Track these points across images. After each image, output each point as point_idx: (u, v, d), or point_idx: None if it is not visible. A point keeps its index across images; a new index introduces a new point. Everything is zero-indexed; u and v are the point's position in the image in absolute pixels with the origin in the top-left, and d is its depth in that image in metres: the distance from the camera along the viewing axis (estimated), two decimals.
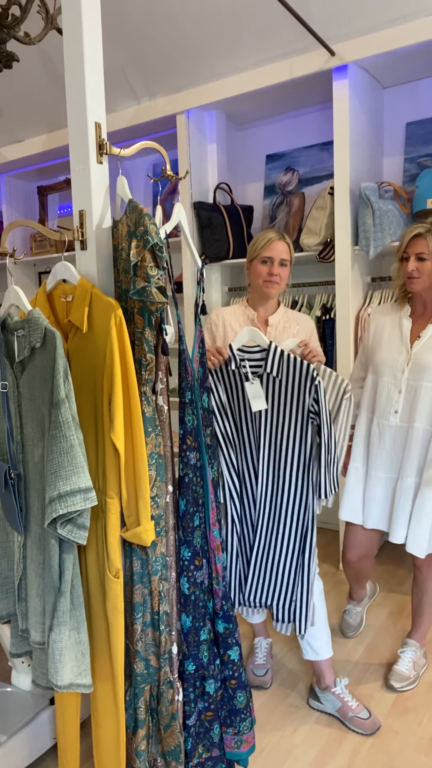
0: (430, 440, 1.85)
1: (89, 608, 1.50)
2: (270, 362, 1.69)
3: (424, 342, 1.86)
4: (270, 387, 1.72)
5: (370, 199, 2.67)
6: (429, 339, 1.86)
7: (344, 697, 1.91)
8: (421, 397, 1.84)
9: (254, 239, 1.96)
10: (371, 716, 1.87)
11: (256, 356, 1.73)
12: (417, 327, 1.91)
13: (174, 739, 1.51)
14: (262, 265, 1.93)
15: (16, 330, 1.43)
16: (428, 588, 2.06)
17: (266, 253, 1.91)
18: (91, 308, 1.42)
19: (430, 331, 1.86)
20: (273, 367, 1.69)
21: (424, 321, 1.90)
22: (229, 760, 1.64)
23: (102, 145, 1.47)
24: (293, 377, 1.70)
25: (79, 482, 1.30)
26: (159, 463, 1.48)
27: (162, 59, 2.96)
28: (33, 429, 1.43)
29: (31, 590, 1.49)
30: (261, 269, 1.93)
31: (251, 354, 1.73)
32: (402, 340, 1.91)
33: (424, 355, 1.84)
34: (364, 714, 1.88)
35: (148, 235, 1.33)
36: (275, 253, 1.91)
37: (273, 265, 1.92)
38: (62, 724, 1.60)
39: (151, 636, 1.51)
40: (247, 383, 1.71)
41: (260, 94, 3.04)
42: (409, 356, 1.87)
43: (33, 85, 3.20)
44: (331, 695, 1.93)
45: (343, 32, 2.62)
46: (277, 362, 1.69)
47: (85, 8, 1.43)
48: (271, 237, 1.92)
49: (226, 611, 1.61)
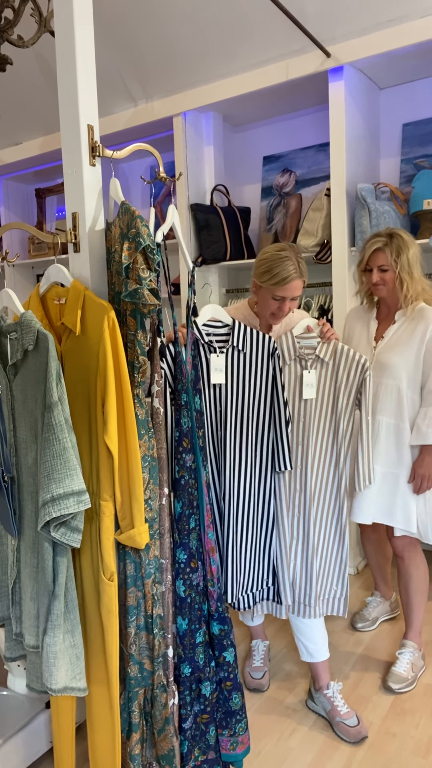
0: (395, 432, 1.98)
1: (83, 611, 1.49)
2: (236, 336, 1.73)
3: (386, 342, 2.00)
4: (235, 360, 1.75)
5: (366, 200, 2.67)
6: (389, 339, 2.00)
7: (335, 700, 1.90)
8: (383, 393, 1.98)
9: (267, 263, 1.79)
10: (359, 725, 1.84)
11: (220, 332, 1.76)
12: (381, 328, 2.06)
13: (167, 743, 1.50)
14: (273, 300, 1.82)
15: (8, 333, 1.43)
16: (412, 576, 2.09)
17: (280, 292, 1.79)
18: (84, 311, 1.42)
19: (391, 333, 2.00)
20: (239, 340, 1.73)
21: (387, 323, 2.05)
22: (224, 762, 1.64)
23: (95, 147, 1.47)
24: (257, 350, 1.76)
25: (73, 485, 1.29)
26: (152, 466, 1.48)
27: (159, 61, 2.96)
28: (26, 432, 1.43)
29: (25, 593, 1.48)
30: (271, 304, 1.83)
31: (215, 329, 1.75)
32: (368, 340, 2.06)
33: (385, 354, 1.98)
34: (351, 721, 1.85)
35: (139, 237, 1.33)
36: (289, 294, 1.80)
37: (284, 303, 1.82)
38: (58, 727, 1.60)
39: (145, 639, 1.51)
40: (213, 355, 1.72)
41: (257, 96, 3.04)
42: (373, 355, 2.01)
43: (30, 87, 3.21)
44: (323, 697, 1.92)
45: (339, 34, 2.62)
46: (242, 336, 1.74)
47: (77, 11, 1.43)
48: (290, 275, 1.76)
49: (221, 613, 1.61)
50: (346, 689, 2.07)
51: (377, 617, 2.45)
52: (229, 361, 1.73)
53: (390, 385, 1.97)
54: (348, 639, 2.37)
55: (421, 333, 1.93)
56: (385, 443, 2.00)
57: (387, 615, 2.48)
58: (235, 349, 1.73)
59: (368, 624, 2.42)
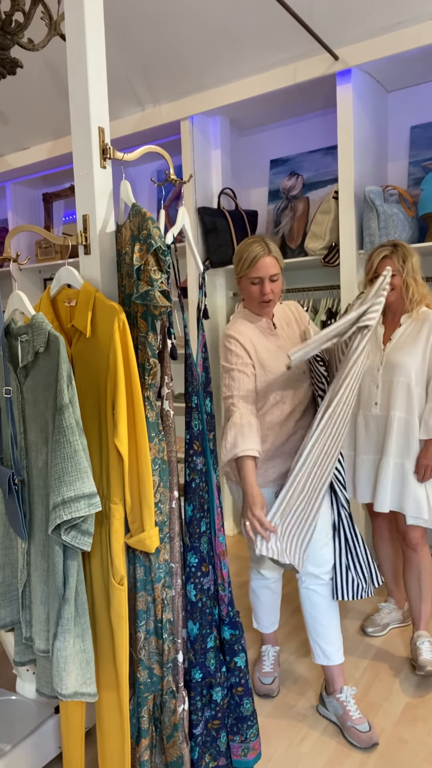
0: (404, 426, 2.12)
1: (93, 616, 1.48)
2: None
3: (394, 343, 2.14)
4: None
5: (374, 202, 2.66)
6: (397, 341, 2.14)
7: (347, 705, 1.88)
8: (394, 390, 2.12)
9: (238, 253, 1.82)
10: (371, 731, 1.82)
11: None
12: (388, 331, 2.19)
13: (176, 749, 1.49)
14: (253, 285, 1.81)
15: (19, 335, 1.42)
16: (426, 567, 2.17)
17: (254, 273, 1.78)
18: (94, 313, 1.41)
19: (398, 334, 2.14)
20: None
21: (394, 326, 2.19)
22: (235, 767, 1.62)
23: (105, 149, 1.47)
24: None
25: (83, 488, 1.29)
26: (162, 469, 1.47)
27: (166, 65, 2.96)
28: (37, 434, 1.42)
29: (35, 597, 1.47)
30: (253, 290, 1.82)
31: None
32: (377, 343, 2.20)
33: (395, 355, 2.13)
34: (363, 727, 1.83)
35: (151, 238, 1.32)
36: (263, 272, 1.78)
37: (264, 284, 1.80)
38: (67, 732, 1.59)
39: (155, 644, 1.50)
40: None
41: (264, 100, 3.04)
42: (383, 356, 2.15)
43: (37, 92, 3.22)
44: (335, 701, 1.90)
45: (347, 37, 2.62)
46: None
47: (88, 13, 1.43)
48: (257, 254, 1.77)
49: (232, 617, 1.60)
50: (357, 695, 2.05)
51: (388, 624, 2.43)
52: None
53: (401, 382, 2.11)
54: (358, 645, 2.35)
55: (426, 333, 2.09)
56: (397, 436, 2.13)
57: (398, 624, 2.46)
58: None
59: (378, 629, 2.40)
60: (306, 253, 3.09)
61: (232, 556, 3.25)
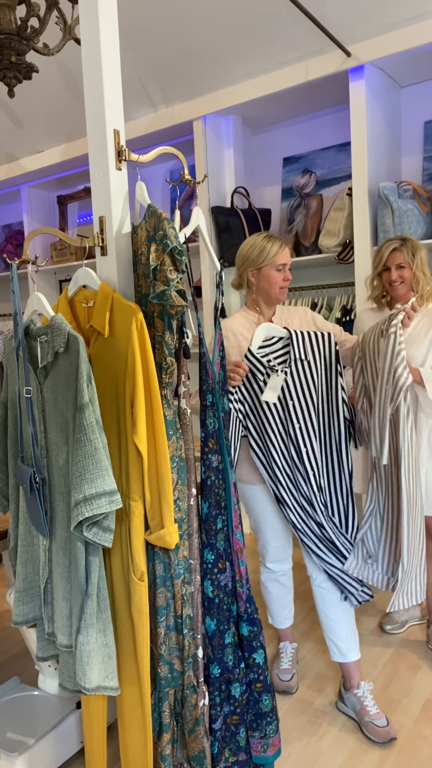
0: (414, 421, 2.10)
1: (114, 611, 1.50)
2: (297, 347, 1.81)
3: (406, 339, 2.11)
4: (301, 371, 1.82)
5: (389, 198, 2.65)
6: (409, 336, 2.12)
7: (365, 700, 1.89)
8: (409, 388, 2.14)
9: (256, 246, 1.94)
10: (388, 726, 1.82)
11: (277, 347, 1.84)
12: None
13: (198, 744, 1.50)
14: (278, 272, 1.94)
15: (39, 336, 1.45)
16: None
17: (281, 260, 1.93)
18: (112, 313, 1.43)
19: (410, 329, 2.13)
20: (300, 350, 1.82)
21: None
22: (255, 764, 1.63)
23: (121, 151, 1.49)
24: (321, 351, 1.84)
25: (104, 485, 1.31)
26: (180, 466, 1.48)
27: (178, 66, 2.98)
28: (57, 433, 1.45)
29: (56, 593, 1.50)
30: (276, 276, 1.94)
31: (272, 347, 1.83)
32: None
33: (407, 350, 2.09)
34: (381, 722, 1.84)
35: (167, 239, 1.34)
36: (287, 259, 1.95)
37: (286, 269, 1.95)
38: (89, 727, 1.61)
39: (175, 640, 1.51)
40: (273, 375, 1.80)
41: (276, 98, 3.05)
42: None
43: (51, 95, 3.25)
44: (353, 697, 1.91)
45: (359, 33, 2.61)
46: (303, 344, 1.82)
47: (102, 17, 1.45)
48: (281, 243, 1.93)
49: (250, 614, 1.61)
50: (375, 691, 2.05)
51: (407, 621, 2.43)
52: (296, 374, 1.84)
53: None
54: (377, 641, 2.35)
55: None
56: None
57: (416, 621, 2.45)
58: (298, 360, 1.83)
59: (397, 627, 2.40)
60: (320, 250, 3.09)
61: (252, 553, 3.26)
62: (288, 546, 2.09)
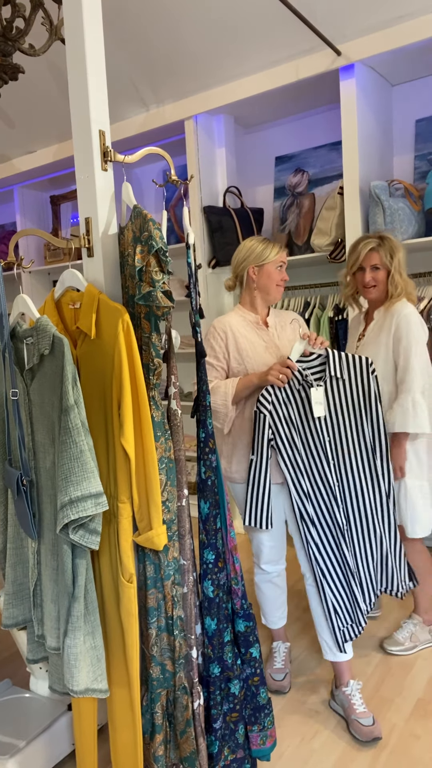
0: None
1: (103, 613, 1.50)
2: (333, 365, 1.85)
3: (365, 340, 2.15)
4: (335, 389, 1.86)
5: (380, 197, 2.65)
6: (368, 336, 2.14)
7: (352, 698, 1.89)
8: None
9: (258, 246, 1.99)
10: (374, 725, 1.82)
11: (314, 363, 1.87)
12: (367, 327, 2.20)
13: (190, 745, 1.50)
14: (278, 270, 2.00)
15: (25, 338, 1.44)
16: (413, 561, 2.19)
17: (282, 258, 2.01)
18: (98, 314, 1.43)
19: (369, 330, 2.14)
20: (337, 368, 1.85)
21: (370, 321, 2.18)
22: (253, 758, 1.64)
23: (106, 152, 1.48)
24: (355, 373, 1.87)
25: (90, 487, 1.30)
26: (169, 467, 1.48)
27: (169, 65, 2.97)
28: (44, 435, 1.44)
29: (46, 596, 1.50)
30: (277, 274, 2.00)
31: (309, 362, 1.88)
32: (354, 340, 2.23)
33: (363, 352, 2.14)
34: (366, 720, 1.83)
35: (152, 240, 1.33)
36: (286, 260, 2.03)
37: (283, 271, 2.03)
38: (80, 729, 1.61)
39: (166, 641, 1.51)
40: (312, 389, 1.83)
41: (267, 97, 3.04)
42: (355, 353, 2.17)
43: (43, 96, 3.25)
44: (342, 695, 1.91)
45: (349, 31, 2.61)
46: (339, 363, 1.86)
47: (87, 18, 1.44)
48: (280, 243, 2.01)
49: (246, 610, 1.61)
50: (368, 690, 2.05)
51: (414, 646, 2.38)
52: (330, 391, 1.86)
53: None
54: (369, 641, 2.35)
55: (389, 326, 2.05)
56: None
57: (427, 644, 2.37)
58: (333, 378, 1.86)
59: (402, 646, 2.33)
60: (312, 249, 3.09)
61: (244, 553, 3.26)
62: (282, 547, 2.09)
